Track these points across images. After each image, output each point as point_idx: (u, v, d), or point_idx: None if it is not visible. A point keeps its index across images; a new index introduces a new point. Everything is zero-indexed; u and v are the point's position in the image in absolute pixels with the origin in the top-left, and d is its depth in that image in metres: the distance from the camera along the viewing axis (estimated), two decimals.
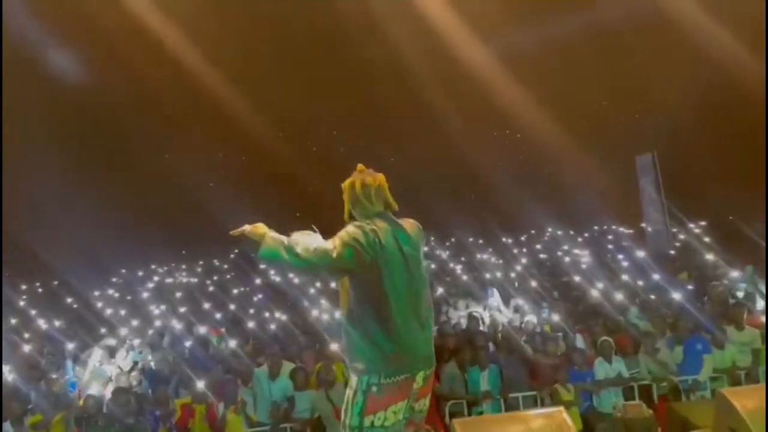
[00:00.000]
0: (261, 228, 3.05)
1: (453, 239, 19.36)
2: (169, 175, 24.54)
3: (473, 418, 5.17)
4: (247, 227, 3.08)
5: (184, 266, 22.50)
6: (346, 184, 3.19)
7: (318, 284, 12.12)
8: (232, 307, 11.77)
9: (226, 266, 21.64)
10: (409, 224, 3.21)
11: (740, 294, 9.79)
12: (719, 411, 4.02)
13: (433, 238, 19.75)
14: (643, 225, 20.31)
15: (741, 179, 16.54)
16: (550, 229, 20.81)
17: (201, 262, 22.68)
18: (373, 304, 2.99)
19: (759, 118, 15.85)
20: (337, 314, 9.85)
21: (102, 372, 8.10)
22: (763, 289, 9.81)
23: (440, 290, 10.80)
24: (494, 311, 9.86)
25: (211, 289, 15.90)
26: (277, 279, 14.26)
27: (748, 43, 14.51)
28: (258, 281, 14.65)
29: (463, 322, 9.52)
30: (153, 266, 21.88)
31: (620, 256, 13.72)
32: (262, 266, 3.45)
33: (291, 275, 13.31)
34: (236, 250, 24.40)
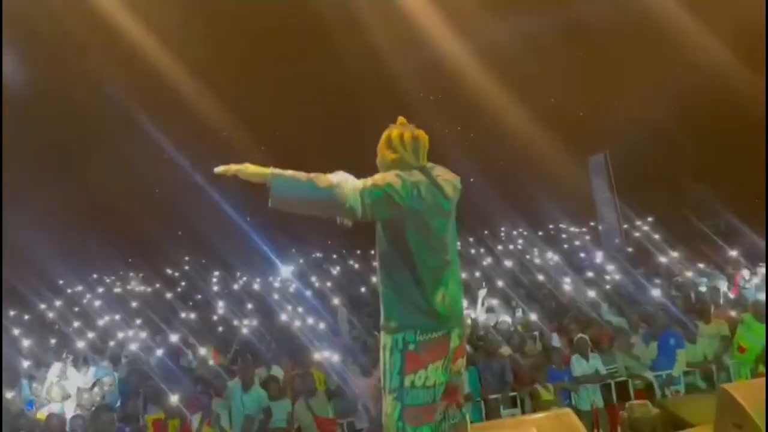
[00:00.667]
0: (251, 166, 2.76)
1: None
2: (116, 179, 23.64)
3: (484, 424, 5.06)
4: (233, 166, 2.76)
5: (132, 274, 21.74)
6: (387, 134, 3.01)
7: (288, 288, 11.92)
8: (193, 315, 11.38)
9: (177, 274, 21.07)
10: (447, 179, 3.04)
11: (702, 289, 10.05)
12: (721, 407, 4.02)
13: None
14: (594, 224, 20.83)
15: (696, 178, 17.03)
16: (503, 229, 21.05)
17: (152, 270, 21.94)
18: (407, 257, 2.86)
19: (719, 117, 16.37)
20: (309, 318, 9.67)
21: (61, 388, 7.65)
22: (723, 285, 10.11)
23: None
24: (468, 312, 9.81)
25: (167, 297, 15.39)
26: (241, 284, 13.98)
27: (707, 43, 14.94)
28: (217, 288, 14.30)
29: None
30: (100, 275, 21.05)
31: (581, 255, 13.93)
32: (272, 205, 3.00)
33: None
34: (186, 258, 23.87)
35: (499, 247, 17.03)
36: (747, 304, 8.23)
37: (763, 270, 10.64)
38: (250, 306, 11.52)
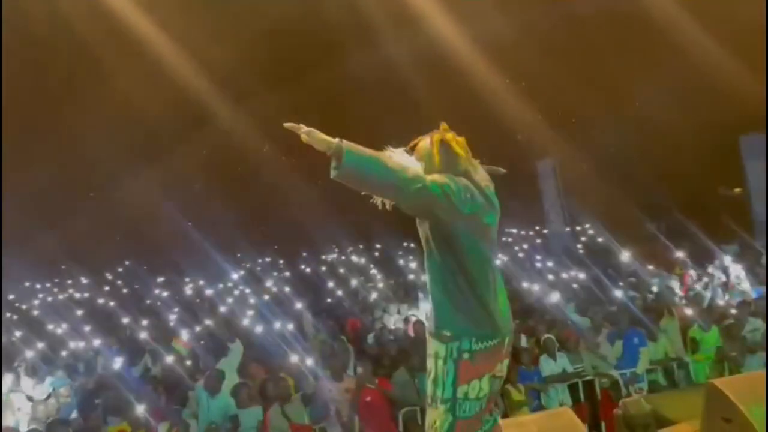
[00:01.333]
0: (319, 132, 2.64)
1: (378, 243, 19.31)
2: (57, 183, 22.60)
3: None
4: (303, 126, 2.64)
5: (70, 281, 20.85)
6: (436, 139, 2.89)
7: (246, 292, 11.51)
8: (148, 321, 10.96)
9: (117, 279, 20.38)
10: (488, 180, 3.00)
11: (655, 288, 10.41)
12: (709, 402, 4.13)
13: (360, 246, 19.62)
14: (539, 228, 21.34)
15: (643, 179, 17.60)
16: None
17: (91, 276, 21.09)
18: (460, 262, 2.78)
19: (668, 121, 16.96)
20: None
21: (15, 400, 7.23)
22: (675, 285, 10.50)
23: (374, 295, 10.66)
24: None
25: (113, 303, 14.81)
26: (194, 289, 13.57)
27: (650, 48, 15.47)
28: (170, 293, 13.85)
29: (401, 327, 9.45)
30: (43, 281, 20.09)
31: (537, 256, 14.20)
32: (336, 176, 2.86)
33: None
34: (127, 262, 23.06)
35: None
36: (700, 308, 8.59)
37: (710, 271, 11.16)
38: (209, 310, 11.21)
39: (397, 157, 2.74)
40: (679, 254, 12.22)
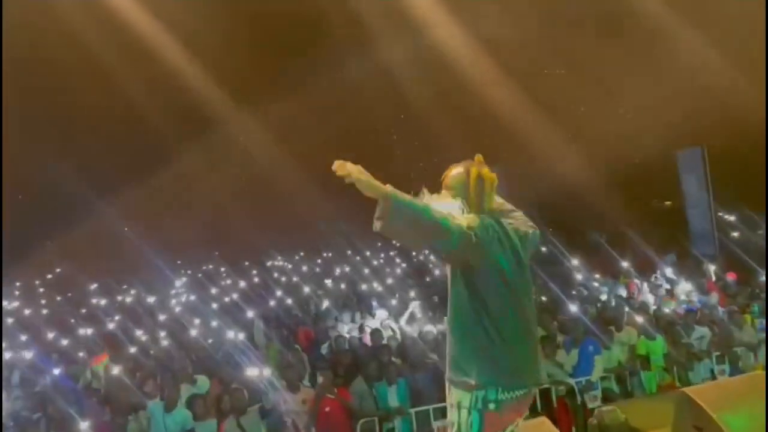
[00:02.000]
0: (367, 176, 2.52)
1: (330, 252, 19.06)
2: None
3: None
4: (351, 168, 2.52)
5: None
6: (474, 173, 2.83)
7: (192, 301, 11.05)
8: (89, 331, 10.39)
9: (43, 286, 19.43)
10: (519, 227, 2.91)
11: (603, 297, 10.62)
12: (680, 411, 4.17)
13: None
14: None
15: (584, 191, 17.97)
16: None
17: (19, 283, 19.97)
18: (486, 309, 2.67)
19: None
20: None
21: None
22: (624, 293, 10.73)
23: (326, 303, 10.46)
24: (388, 322, 9.70)
25: (44, 312, 14.05)
26: (139, 297, 12.94)
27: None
28: (112, 301, 13.24)
29: (356, 335, 9.30)
30: None
31: None
32: (380, 226, 2.71)
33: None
34: (59, 270, 22.02)
35: (420, 257, 17.13)
36: (647, 316, 8.78)
37: (653, 280, 11.49)
38: (157, 320, 10.74)
39: (434, 203, 2.68)
40: (624, 264, 12.53)
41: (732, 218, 18.44)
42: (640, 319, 8.58)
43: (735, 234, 17.12)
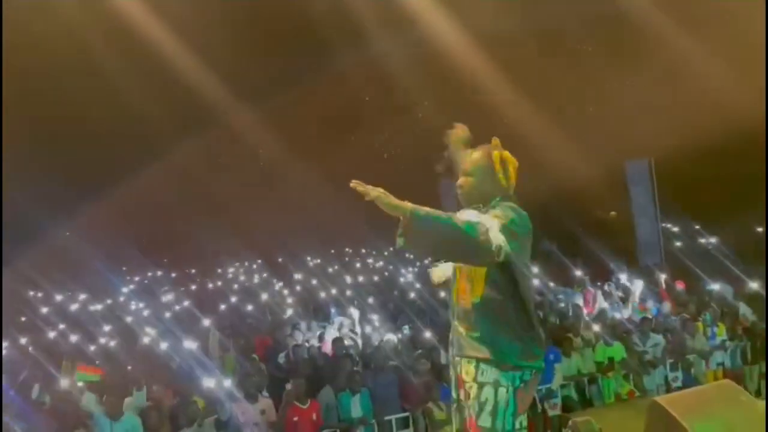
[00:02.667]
0: (387, 194, 2.47)
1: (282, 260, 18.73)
2: None
3: None
4: (372, 190, 2.46)
5: None
6: (496, 156, 2.81)
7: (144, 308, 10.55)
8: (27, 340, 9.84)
9: None
10: None
11: (561, 305, 10.72)
12: (651, 420, 4.17)
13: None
14: None
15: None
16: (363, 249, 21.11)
17: None
18: (522, 293, 2.73)
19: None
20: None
21: None
22: (581, 302, 10.85)
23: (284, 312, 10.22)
24: (346, 331, 9.54)
25: None
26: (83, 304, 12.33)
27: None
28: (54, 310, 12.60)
29: (315, 344, 9.12)
30: None
31: None
32: (402, 243, 2.61)
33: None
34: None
35: (380, 264, 17.01)
36: (604, 324, 8.90)
37: (607, 289, 11.67)
38: (106, 328, 10.25)
39: (462, 214, 2.67)
40: (578, 272, 12.70)
41: (676, 228, 19.06)
42: (597, 327, 8.69)
43: (678, 243, 17.67)
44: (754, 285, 10.32)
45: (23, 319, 13.05)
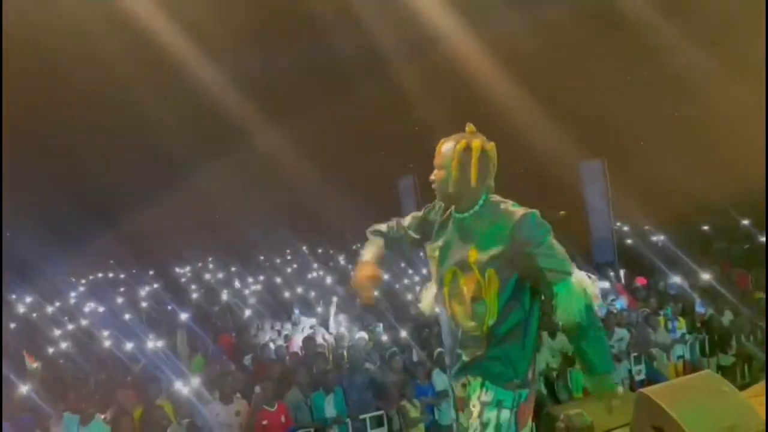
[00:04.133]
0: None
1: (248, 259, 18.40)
2: None
3: None
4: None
5: None
6: (475, 146, 2.60)
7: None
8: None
9: None
10: None
11: None
12: (639, 411, 4.24)
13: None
14: None
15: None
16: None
17: None
18: (532, 305, 2.66)
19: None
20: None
21: None
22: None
23: (248, 312, 10.01)
24: (313, 331, 9.41)
25: None
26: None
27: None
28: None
29: (281, 344, 8.98)
30: None
31: (425, 270, 14.24)
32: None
33: None
34: None
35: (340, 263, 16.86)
36: None
37: None
38: (64, 328, 9.84)
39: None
40: None
41: (627, 228, 19.60)
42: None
43: (629, 241, 18.18)
44: (706, 277, 10.76)
45: None
